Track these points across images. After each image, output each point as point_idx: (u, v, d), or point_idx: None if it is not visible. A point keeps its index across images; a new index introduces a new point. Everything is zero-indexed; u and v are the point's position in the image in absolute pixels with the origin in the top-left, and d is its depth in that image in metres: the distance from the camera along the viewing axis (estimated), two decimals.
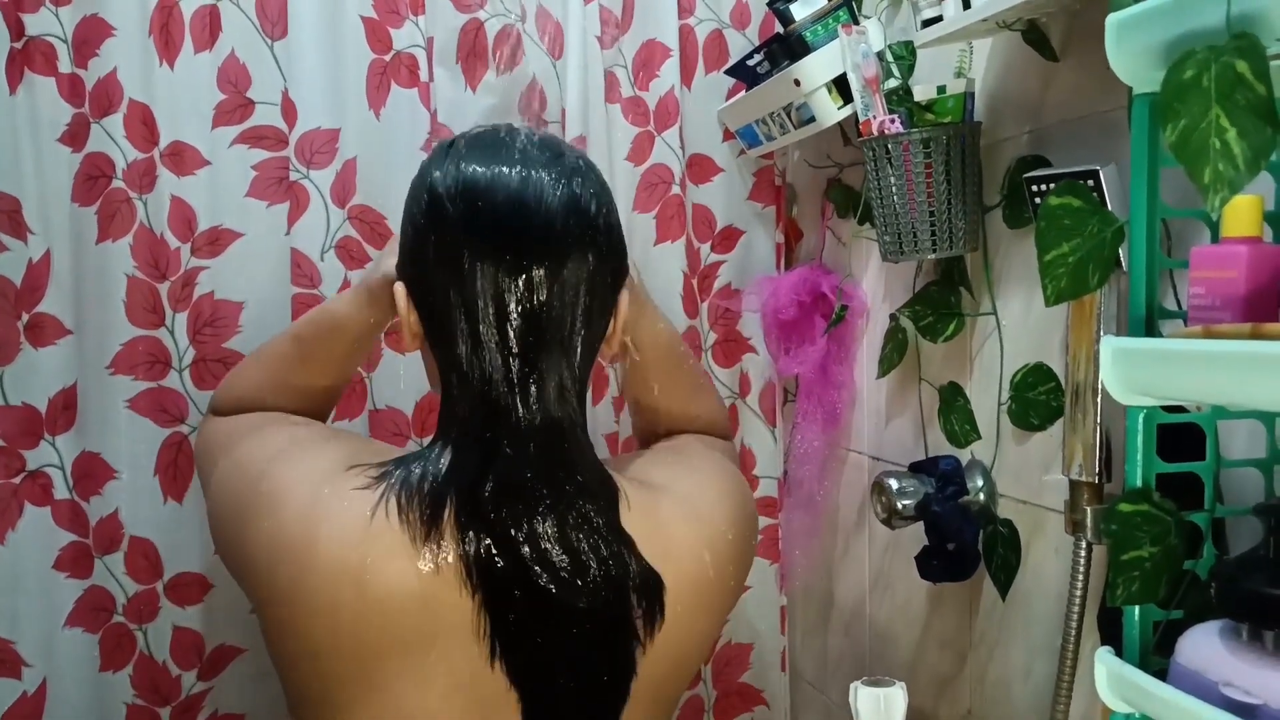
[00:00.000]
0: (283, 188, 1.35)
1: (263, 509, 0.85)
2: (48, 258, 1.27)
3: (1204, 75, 0.62)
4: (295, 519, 0.82)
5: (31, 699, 1.27)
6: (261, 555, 0.84)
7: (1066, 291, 0.79)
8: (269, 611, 0.86)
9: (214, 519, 0.96)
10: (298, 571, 0.81)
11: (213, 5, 1.32)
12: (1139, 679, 0.71)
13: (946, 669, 1.26)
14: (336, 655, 0.81)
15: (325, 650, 0.82)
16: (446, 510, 0.81)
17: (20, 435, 1.27)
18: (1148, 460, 0.76)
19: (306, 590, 0.80)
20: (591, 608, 0.82)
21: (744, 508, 0.97)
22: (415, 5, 1.37)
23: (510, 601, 0.81)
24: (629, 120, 1.48)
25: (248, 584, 0.89)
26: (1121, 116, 0.95)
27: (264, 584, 0.84)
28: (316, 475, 0.85)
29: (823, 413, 1.46)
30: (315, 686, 0.84)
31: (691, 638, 0.89)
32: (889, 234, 1.17)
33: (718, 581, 0.90)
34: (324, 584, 0.80)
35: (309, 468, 0.86)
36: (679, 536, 0.88)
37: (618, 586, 0.83)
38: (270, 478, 0.86)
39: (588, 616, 0.82)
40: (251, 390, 1.06)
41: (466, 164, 0.85)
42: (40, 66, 1.26)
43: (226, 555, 0.94)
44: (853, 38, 1.20)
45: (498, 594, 0.81)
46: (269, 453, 0.90)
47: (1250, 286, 0.66)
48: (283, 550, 0.82)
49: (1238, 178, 0.60)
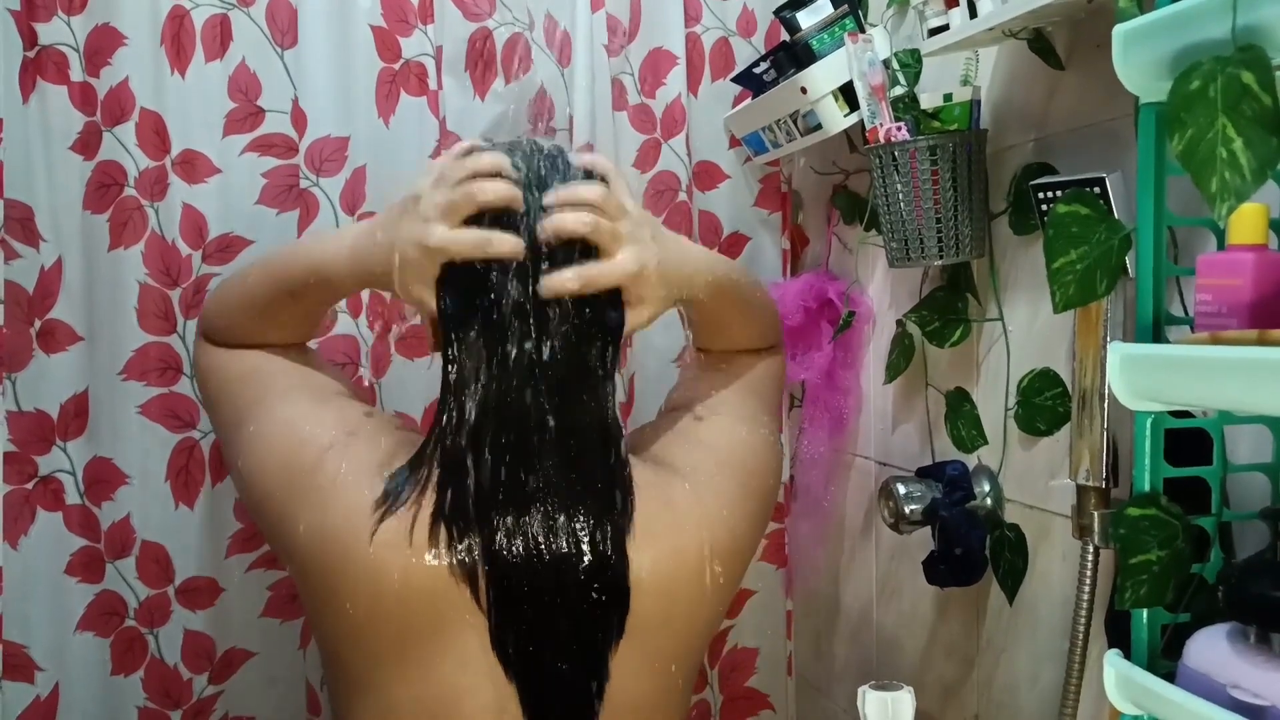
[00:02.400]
0: (293, 195, 1.36)
1: (314, 502, 0.90)
2: (60, 265, 1.28)
3: (1210, 86, 0.62)
4: (345, 515, 0.88)
5: (44, 703, 1.28)
6: (314, 541, 0.89)
7: (1075, 298, 0.80)
8: (311, 584, 0.91)
9: (252, 480, 0.97)
10: (343, 561, 0.87)
11: (223, 15, 1.33)
12: (1148, 681, 0.72)
13: (953, 674, 1.27)
14: (375, 636, 0.88)
15: (366, 631, 0.88)
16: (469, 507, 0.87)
17: (32, 441, 1.28)
18: (1155, 465, 0.77)
19: (350, 578, 0.87)
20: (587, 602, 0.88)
21: (758, 478, 1.01)
22: (424, 14, 1.39)
23: (514, 594, 0.87)
24: (636, 128, 1.49)
25: (289, 559, 0.94)
26: (1125, 125, 0.96)
27: (311, 569, 0.90)
28: (368, 471, 0.90)
29: (829, 418, 1.47)
30: (357, 660, 0.90)
31: (700, 616, 0.95)
32: (896, 240, 1.17)
33: (727, 559, 0.94)
34: (367, 573, 0.86)
35: (362, 462, 0.91)
36: (688, 525, 0.92)
37: (614, 584, 0.88)
38: (324, 471, 0.90)
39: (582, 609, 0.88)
40: (248, 325, 1.04)
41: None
42: (52, 75, 1.27)
43: (267, 522, 0.97)
44: (859, 46, 1.21)
45: (504, 588, 0.87)
46: (323, 441, 0.93)
47: (1256, 293, 0.67)
48: (331, 542, 0.88)
49: (1244, 187, 0.61)
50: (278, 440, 0.95)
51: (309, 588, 0.93)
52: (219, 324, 1.06)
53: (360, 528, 0.86)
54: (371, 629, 0.88)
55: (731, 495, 0.96)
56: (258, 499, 0.96)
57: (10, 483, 1.26)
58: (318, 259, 0.98)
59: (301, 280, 0.98)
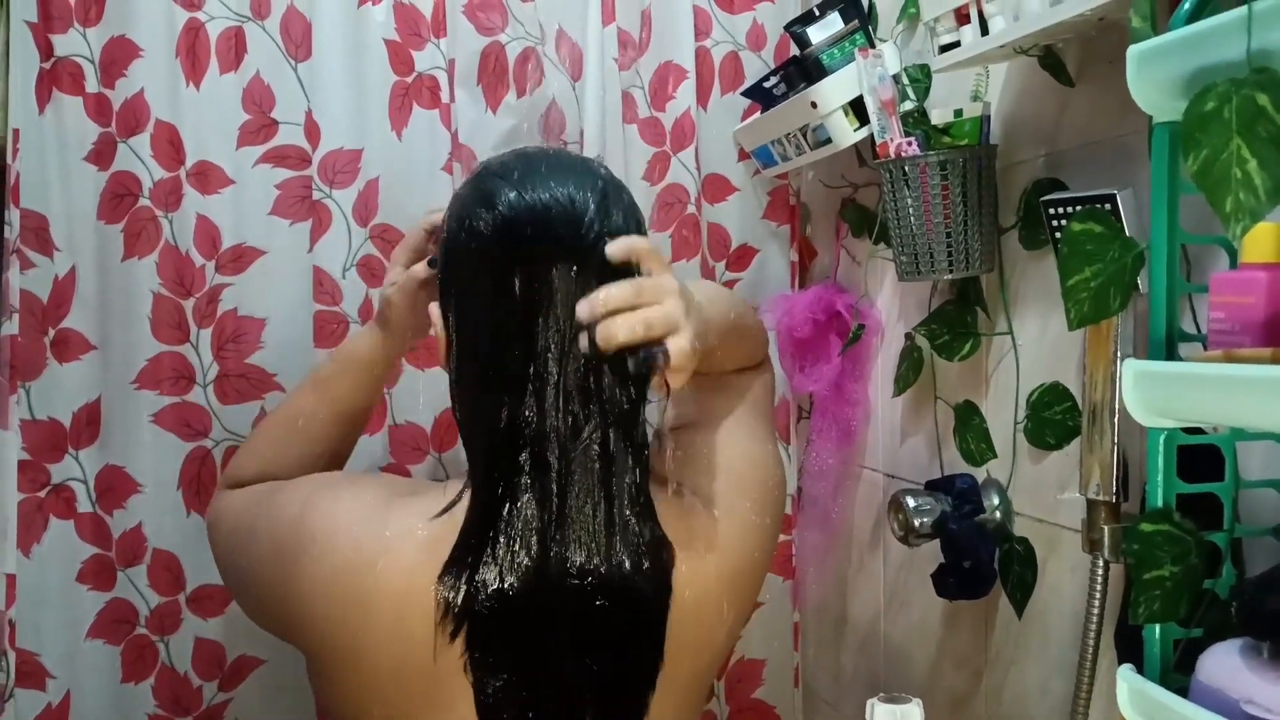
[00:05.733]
0: (305, 206, 1.37)
1: (307, 551, 0.88)
2: (73, 274, 1.29)
3: (1225, 107, 0.63)
4: (351, 549, 0.86)
5: (55, 710, 1.28)
6: (318, 591, 0.87)
7: (1089, 315, 0.81)
8: (328, 645, 0.89)
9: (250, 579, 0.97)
10: (361, 597, 0.85)
11: (238, 27, 1.34)
12: (1161, 696, 0.72)
13: (962, 687, 1.27)
14: (404, 678, 0.86)
15: (391, 674, 0.85)
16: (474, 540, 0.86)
17: (45, 449, 1.29)
18: (1168, 481, 0.77)
19: (375, 614, 0.85)
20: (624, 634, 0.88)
21: (770, 495, 1.01)
22: (437, 28, 1.40)
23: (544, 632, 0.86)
24: (646, 140, 1.50)
25: (301, 629, 0.91)
26: (1135, 141, 0.97)
27: (319, 619, 0.88)
28: (362, 508, 0.89)
29: (837, 430, 1.48)
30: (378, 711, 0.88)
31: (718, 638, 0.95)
32: (905, 254, 1.18)
33: (746, 579, 0.95)
34: (390, 606, 0.84)
35: (352, 503, 0.90)
36: (708, 550, 0.91)
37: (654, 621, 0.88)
38: (312, 517, 0.90)
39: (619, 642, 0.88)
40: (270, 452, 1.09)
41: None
42: (68, 86, 1.28)
43: (269, 609, 0.96)
44: (869, 61, 1.21)
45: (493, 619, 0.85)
46: (302, 495, 0.93)
47: (1270, 312, 0.68)
48: (343, 583, 0.86)
49: (1259, 207, 0.62)
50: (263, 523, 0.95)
51: (323, 649, 0.90)
52: (249, 471, 1.08)
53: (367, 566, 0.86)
54: (379, 674, 0.86)
55: (746, 516, 0.95)
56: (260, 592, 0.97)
57: (23, 491, 1.27)
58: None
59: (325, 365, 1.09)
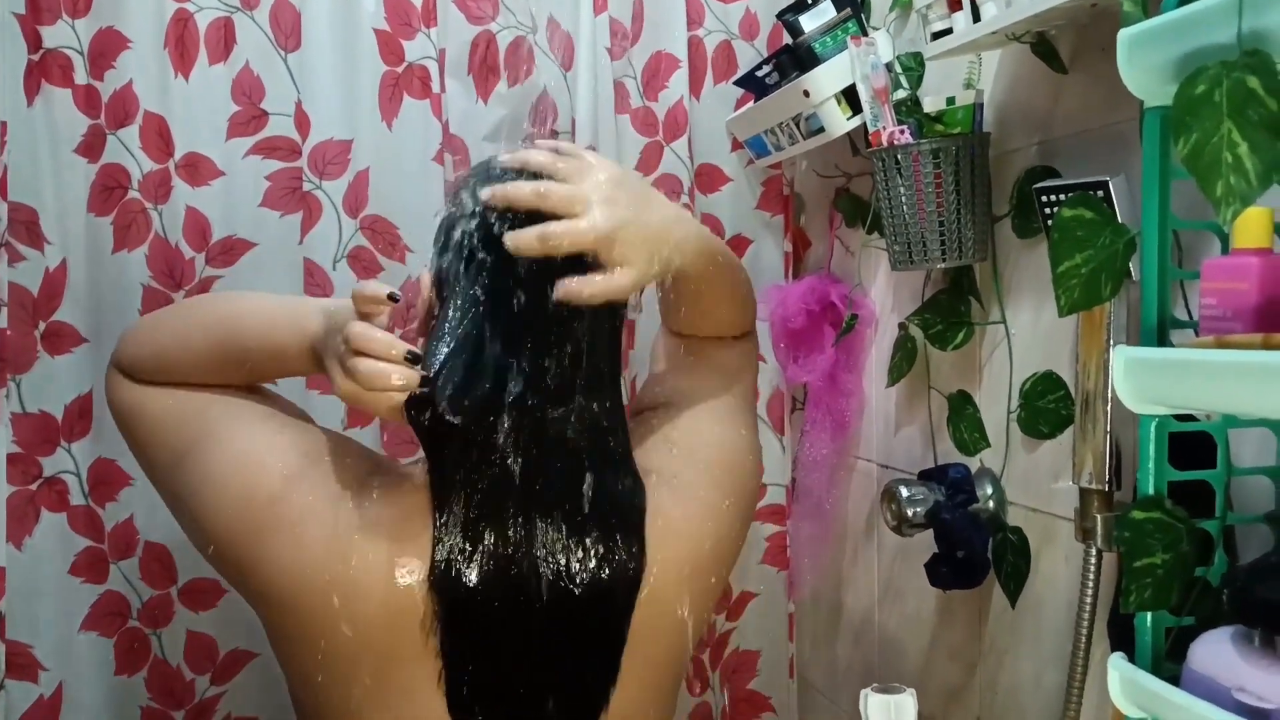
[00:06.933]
0: (296, 198, 1.36)
1: (285, 538, 0.86)
2: (64, 267, 1.29)
3: (1216, 91, 0.63)
4: (324, 544, 0.85)
5: (48, 702, 1.28)
6: (285, 574, 0.86)
7: (1080, 302, 0.80)
8: (290, 621, 0.88)
9: (206, 523, 0.92)
10: (328, 585, 0.84)
11: (227, 18, 1.33)
12: (1153, 684, 0.72)
13: (956, 677, 1.27)
14: (357, 665, 0.84)
15: (348, 655, 0.84)
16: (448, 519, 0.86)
17: (37, 442, 1.29)
18: (1160, 468, 0.77)
19: (333, 608, 0.84)
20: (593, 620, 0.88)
21: (739, 479, 1.01)
22: (427, 17, 1.39)
23: (474, 607, 0.86)
24: (638, 131, 1.49)
25: (264, 600, 0.90)
26: (1129, 128, 0.96)
27: (292, 606, 0.87)
28: (340, 496, 0.88)
29: (831, 421, 1.47)
30: (336, 692, 0.86)
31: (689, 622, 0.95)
32: (898, 243, 1.18)
33: (714, 564, 0.96)
34: (353, 595, 0.83)
35: (331, 489, 0.88)
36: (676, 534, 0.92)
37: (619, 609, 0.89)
38: (290, 502, 0.87)
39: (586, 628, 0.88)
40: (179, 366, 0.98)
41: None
42: (57, 78, 1.28)
43: (231, 566, 0.93)
44: (862, 49, 1.21)
45: (465, 602, 0.85)
46: (285, 471, 0.90)
47: (1261, 297, 0.67)
48: (314, 574, 0.85)
49: (1249, 191, 0.61)
50: (233, 477, 0.90)
51: (288, 625, 0.88)
52: (147, 365, 1.00)
53: (343, 553, 0.84)
54: (353, 657, 0.85)
55: (713, 500, 0.95)
56: (216, 542, 0.91)
57: (15, 484, 1.27)
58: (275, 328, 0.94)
59: (256, 345, 0.95)
